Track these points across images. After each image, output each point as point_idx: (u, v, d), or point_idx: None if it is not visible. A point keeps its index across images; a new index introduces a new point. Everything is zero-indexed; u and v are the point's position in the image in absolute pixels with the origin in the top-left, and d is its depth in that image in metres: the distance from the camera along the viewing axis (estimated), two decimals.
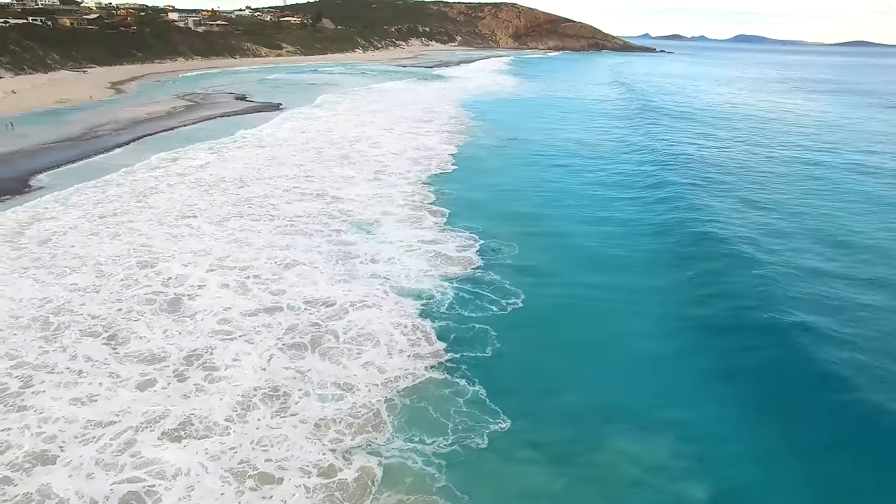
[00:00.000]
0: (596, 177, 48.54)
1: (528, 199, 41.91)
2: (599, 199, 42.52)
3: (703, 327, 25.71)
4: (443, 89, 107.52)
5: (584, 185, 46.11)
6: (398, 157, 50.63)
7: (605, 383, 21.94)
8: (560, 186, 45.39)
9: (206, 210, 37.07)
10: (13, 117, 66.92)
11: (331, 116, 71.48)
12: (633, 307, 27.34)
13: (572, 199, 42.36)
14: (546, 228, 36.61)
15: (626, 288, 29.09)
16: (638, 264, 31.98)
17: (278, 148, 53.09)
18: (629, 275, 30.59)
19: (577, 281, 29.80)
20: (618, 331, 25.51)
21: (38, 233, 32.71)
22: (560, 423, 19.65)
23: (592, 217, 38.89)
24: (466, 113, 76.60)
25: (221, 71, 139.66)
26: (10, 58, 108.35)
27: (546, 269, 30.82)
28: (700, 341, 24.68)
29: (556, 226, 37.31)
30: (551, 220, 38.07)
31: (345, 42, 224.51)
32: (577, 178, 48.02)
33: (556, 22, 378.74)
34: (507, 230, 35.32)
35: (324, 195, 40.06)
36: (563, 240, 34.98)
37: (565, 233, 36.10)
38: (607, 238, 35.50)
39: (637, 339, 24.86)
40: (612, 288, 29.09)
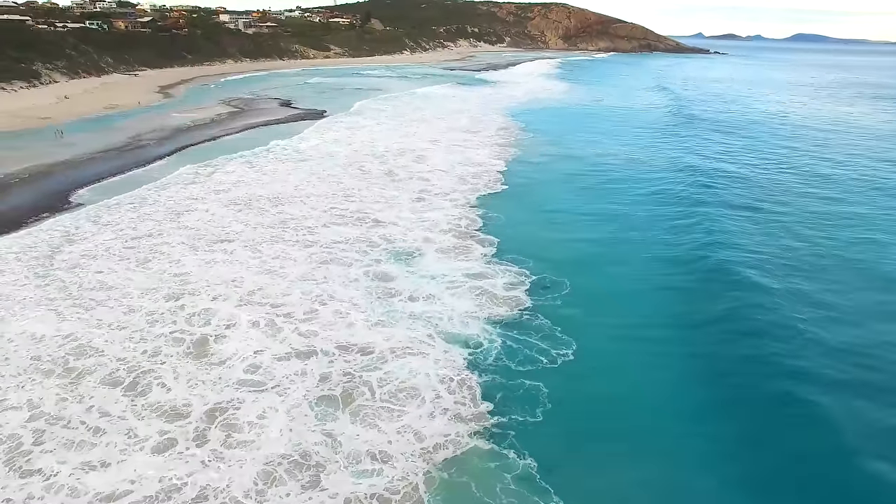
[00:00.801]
0: (647, 200, 44.52)
1: (579, 226, 38.82)
2: (651, 227, 38.94)
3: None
4: (490, 96, 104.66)
5: (635, 209, 42.42)
6: (445, 175, 48.14)
7: (664, 454, 19.18)
8: (611, 211, 41.94)
9: (240, 233, 35.44)
10: (64, 124, 67.62)
11: (374, 126, 69.65)
12: (692, 360, 24.33)
13: (624, 227, 39.00)
14: (597, 260, 33.64)
15: (684, 335, 26.11)
16: (698, 303, 28.82)
17: (319, 162, 51.37)
18: (689, 316, 27.52)
19: (630, 324, 26.99)
20: (677, 387, 22.66)
21: (69, 257, 31.60)
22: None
23: (645, 248, 35.55)
24: (515, 123, 73.59)
25: (268, 73, 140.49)
26: (66, 62, 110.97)
27: (596, 311, 28.00)
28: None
29: (608, 257, 34.28)
30: (603, 251, 35.03)
31: (393, 43, 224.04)
32: (628, 201, 44.18)
33: (607, 23, 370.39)
34: (556, 263, 32.47)
35: (364, 218, 37.94)
36: (614, 275, 31.95)
37: (617, 266, 33.01)
38: (660, 272, 32.35)
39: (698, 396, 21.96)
40: (667, 334, 26.16)
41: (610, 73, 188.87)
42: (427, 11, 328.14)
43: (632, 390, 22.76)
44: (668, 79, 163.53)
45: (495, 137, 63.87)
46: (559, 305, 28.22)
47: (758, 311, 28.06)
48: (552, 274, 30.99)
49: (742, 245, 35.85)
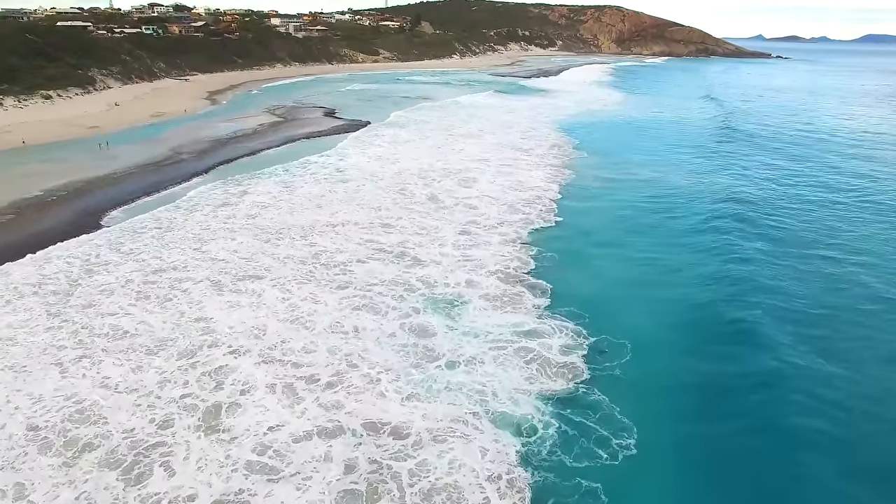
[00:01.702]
0: (711, 242, 38.90)
1: (639, 271, 34.45)
2: (715, 279, 34.06)
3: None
4: (541, 106, 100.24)
5: (697, 253, 37.49)
6: (493, 202, 44.41)
7: None
8: (673, 253, 37.34)
9: (269, 268, 32.74)
10: (110, 134, 67.27)
11: (419, 140, 66.56)
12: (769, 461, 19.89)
13: (689, 273, 34.45)
14: (659, 318, 29.32)
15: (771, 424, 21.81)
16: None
17: (358, 183, 48.43)
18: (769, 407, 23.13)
19: (695, 411, 22.75)
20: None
21: (85, 292, 29.55)
22: None
23: (707, 301, 31.04)
24: (568, 139, 69.18)
25: (315, 79, 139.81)
26: (120, 67, 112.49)
27: (659, 386, 23.99)
28: None
29: (670, 313, 29.93)
30: (664, 305, 30.63)
31: (442, 47, 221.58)
32: (690, 243, 39.12)
33: (663, 26, 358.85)
34: (614, 318, 28.58)
35: (403, 254, 34.69)
36: (679, 339, 27.73)
37: (680, 330, 28.62)
38: (725, 338, 27.84)
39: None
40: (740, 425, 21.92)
41: (665, 80, 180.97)
42: (477, 14, 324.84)
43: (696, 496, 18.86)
44: (727, 87, 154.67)
45: (548, 156, 59.75)
46: (618, 376, 24.37)
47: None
48: (610, 333, 27.03)
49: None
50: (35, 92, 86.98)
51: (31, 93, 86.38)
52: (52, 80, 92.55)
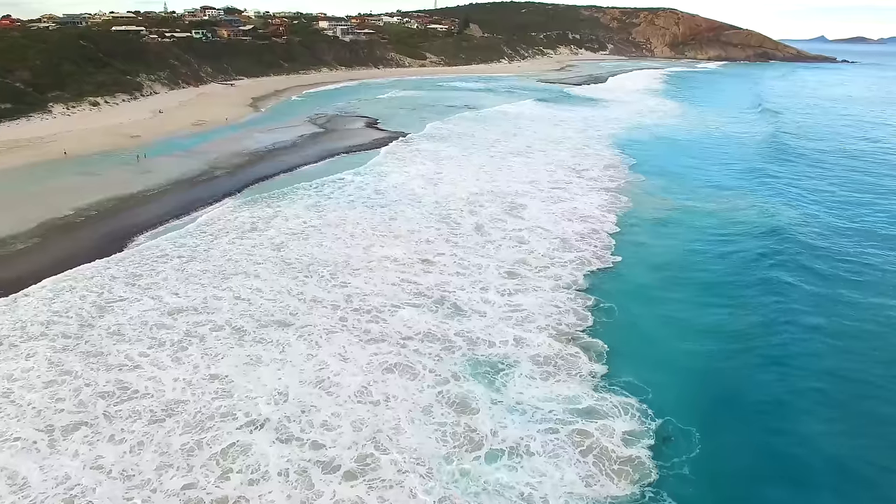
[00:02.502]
0: (786, 295, 33.75)
1: (707, 328, 29.95)
2: (804, 339, 29.31)
3: None
4: (592, 119, 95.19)
5: (771, 308, 32.32)
6: (545, 235, 40.39)
7: None
8: (743, 306, 32.27)
9: (295, 312, 29.71)
10: (150, 144, 66.25)
11: (463, 157, 62.96)
12: None
13: (762, 333, 29.70)
14: (733, 393, 25.03)
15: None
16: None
17: (398, 209, 45.11)
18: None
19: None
20: None
21: (94, 335, 27.30)
22: None
23: (784, 378, 26.28)
24: (623, 159, 64.31)
25: (360, 84, 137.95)
26: (168, 72, 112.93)
27: None
28: None
29: (754, 386, 25.56)
30: (740, 380, 26.14)
31: (490, 51, 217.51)
32: (762, 292, 33.81)
33: (719, 29, 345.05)
34: (681, 392, 24.64)
35: (442, 300, 31.14)
36: (752, 420, 23.40)
37: (754, 406, 24.26)
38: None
39: None
40: None
41: (723, 87, 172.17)
42: (527, 16, 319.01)
43: None
44: (787, 97, 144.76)
45: (602, 179, 55.20)
46: (687, 475, 20.29)
47: None
48: (677, 415, 22.99)
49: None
50: (83, 98, 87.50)
51: (79, 99, 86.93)
52: (101, 86, 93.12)
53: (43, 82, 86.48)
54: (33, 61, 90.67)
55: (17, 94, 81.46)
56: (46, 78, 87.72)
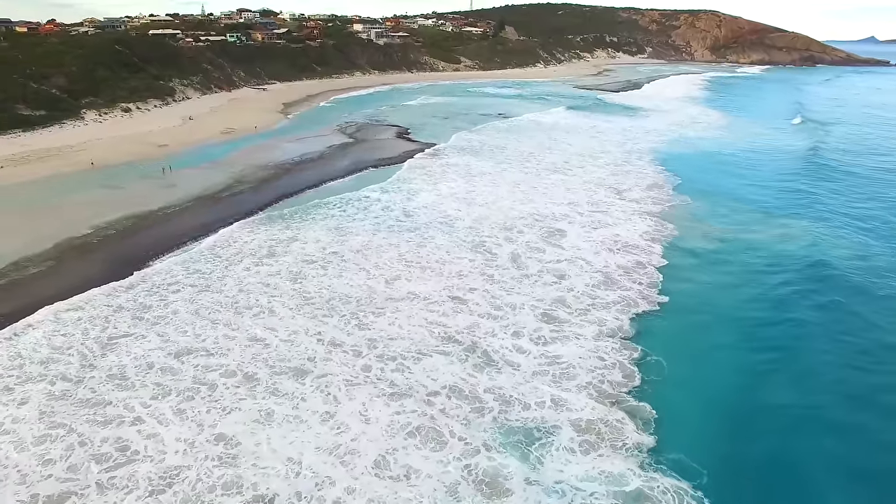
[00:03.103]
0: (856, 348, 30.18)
1: (765, 391, 26.59)
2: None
3: None
4: (631, 130, 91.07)
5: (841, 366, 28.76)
6: (585, 267, 37.15)
7: None
8: (803, 362, 28.79)
9: (313, 358, 27.27)
10: (177, 154, 65.23)
11: (497, 173, 59.99)
12: None
13: (837, 400, 26.13)
14: (814, 482, 21.55)
15: None
16: None
17: (428, 235, 42.35)
18: None
19: None
20: None
21: (97, 380, 25.35)
22: None
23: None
24: (666, 177, 60.38)
25: (392, 89, 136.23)
26: (200, 77, 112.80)
27: None
28: None
29: (831, 474, 22.04)
30: (817, 455, 22.73)
31: (525, 55, 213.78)
32: (829, 346, 30.18)
33: (763, 32, 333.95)
34: (743, 479, 21.36)
35: (473, 347, 28.32)
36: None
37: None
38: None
39: None
40: None
41: (768, 95, 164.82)
42: (564, 18, 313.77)
43: None
44: (840, 107, 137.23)
45: (645, 201, 51.57)
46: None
47: None
48: None
49: None
50: (116, 105, 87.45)
51: (112, 106, 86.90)
52: (134, 91, 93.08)
53: (78, 88, 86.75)
54: (69, 67, 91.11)
55: (53, 100, 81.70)
56: (81, 84, 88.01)
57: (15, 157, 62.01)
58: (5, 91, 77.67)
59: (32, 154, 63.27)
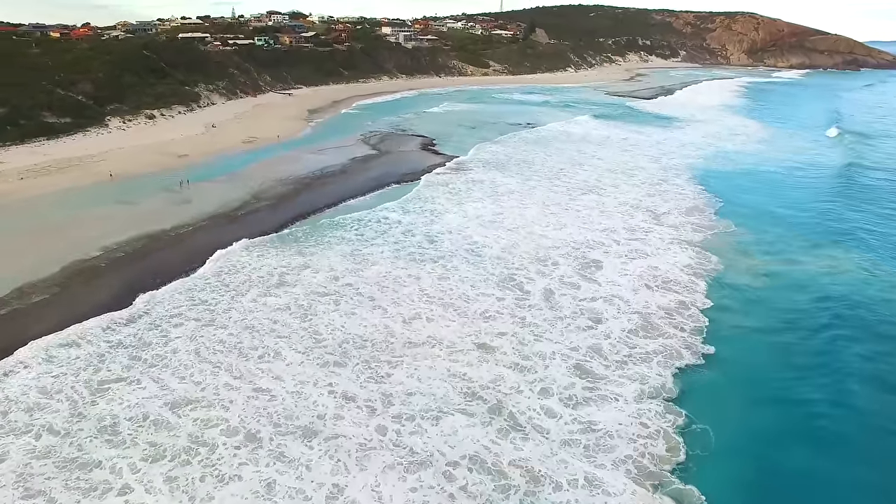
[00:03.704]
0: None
1: (832, 466, 23.30)
2: None
3: None
4: (666, 142, 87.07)
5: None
6: (623, 308, 33.93)
7: None
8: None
9: (323, 415, 24.82)
10: (195, 165, 63.88)
11: (525, 192, 56.95)
12: None
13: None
14: None
15: None
16: None
17: (452, 261, 39.70)
18: None
19: None
20: None
21: (85, 435, 23.29)
22: None
23: None
24: (707, 199, 56.49)
25: (419, 94, 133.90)
26: (226, 82, 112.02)
27: None
28: None
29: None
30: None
31: (556, 59, 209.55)
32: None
33: (803, 35, 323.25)
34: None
35: (498, 407, 25.49)
36: None
37: None
38: None
39: None
40: None
41: (810, 102, 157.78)
42: (595, 20, 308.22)
43: None
44: (886, 116, 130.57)
45: (685, 227, 48.02)
46: None
47: None
48: None
49: None
50: (140, 112, 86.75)
51: (136, 112, 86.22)
52: (159, 98, 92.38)
53: (104, 94, 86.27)
54: (97, 73, 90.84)
55: (79, 107, 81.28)
56: (107, 90, 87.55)
57: (36, 167, 61.30)
58: (33, 98, 77.47)
59: (53, 164, 62.45)
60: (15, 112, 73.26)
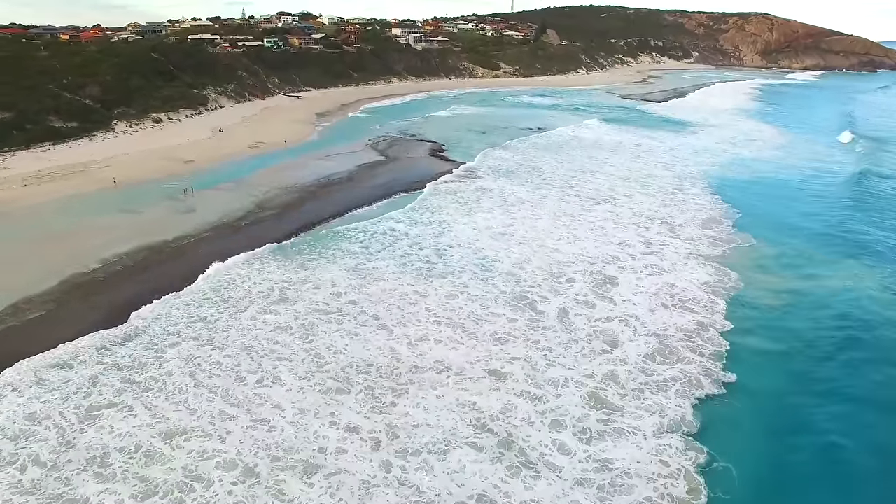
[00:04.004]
0: None
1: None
2: None
3: None
4: (680, 148, 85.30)
5: None
6: (639, 330, 32.38)
7: None
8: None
9: (325, 448, 23.53)
10: (201, 171, 63.06)
11: (536, 201, 55.48)
12: None
13: None
14: None
15: None
16: None
17: (461, 277, 38.27)
18: None
19: None
20: None
21: (73, 468, 22.07)
22: None
23: None
24: (724, 209, 54.66)
25: (428, 97, 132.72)
26: (235, 84, 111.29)
27: None
28: None
29: None
30: None
31: (567, 61, 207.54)
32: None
33: (818, 36, 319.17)
34: None
35: (509, 441, 24.08)
36: None
37: None
38: None
39: None
40: None
41: (826, 105, 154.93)
42: (607, 21, 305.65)
43: None
44: None
45: (702, 241, 46.35)
46: None
47: None
48: None
49: None
50: (147, 115, 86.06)
51: (143, 116, 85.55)
52: (167, 101, 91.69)
53: (111, 98, 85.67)
54: (104, 76, 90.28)
55: (85, 111, 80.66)
56: (115, 93, 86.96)
57: (40, 173, 60.57)
58: (40, 102, 76.91)
59: (58, 170, 61.75)
60: (21, 116, 72.75)
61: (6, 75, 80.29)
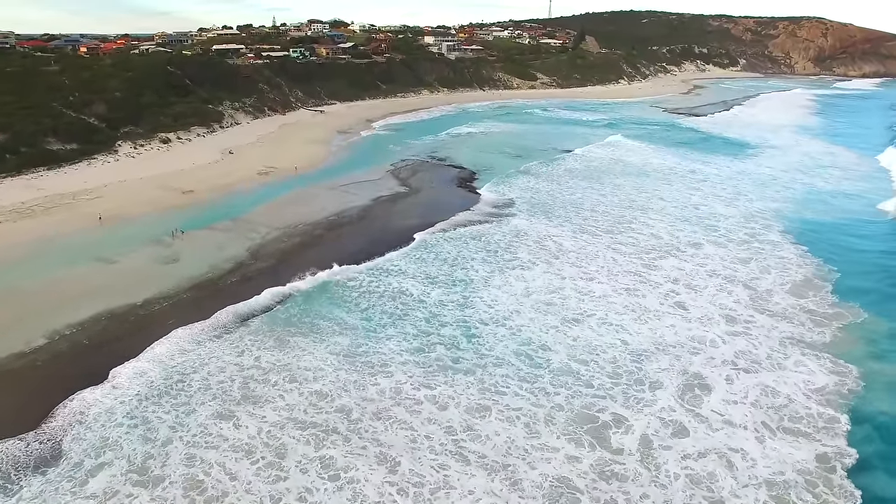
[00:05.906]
0: None
1: None
2: None
3: None
4: (742, 177, 74.70)
5: None
6: (747, 473, 22.72)
7: None
8: None
9: None
10: (200, 204, 56.17)
11: (582, 248, 46.36)
12: None
13: None
14: None
15: None
16: None
17: (494, 375, 29.31)
18: None
19: None
20: None
21: None
22: None
23: None
24: (816, 266, 44.02)
25: (460, 111, 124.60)
26: (254, 98, 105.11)
27: None
28: None
29: None
30: None
31: (607, 70, 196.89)
32: None
33: (878, 40, 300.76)
34: None
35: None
36: None
37: None
38: None
39: None
40: None
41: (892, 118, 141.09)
42: (648, 28, 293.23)
43: None
44: None
45: (799, 317, 36.12)
46: None
47: None
48: None
49: None
50: (155, 135, 79.88)
51: (150, 136, 79.36)
52: (178, 118, 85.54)
53: (118, 116, 79.81)
54: (113, 92, 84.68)
55: (88, 131, 74.87)
56: (123, 111, 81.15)
57: (23, 206, 54.24)
58: (38, 123, 71.15)
59: (43, 203, 55.37)
60: (16, 138, 67.08)
61: (10, 94, 75.07)
